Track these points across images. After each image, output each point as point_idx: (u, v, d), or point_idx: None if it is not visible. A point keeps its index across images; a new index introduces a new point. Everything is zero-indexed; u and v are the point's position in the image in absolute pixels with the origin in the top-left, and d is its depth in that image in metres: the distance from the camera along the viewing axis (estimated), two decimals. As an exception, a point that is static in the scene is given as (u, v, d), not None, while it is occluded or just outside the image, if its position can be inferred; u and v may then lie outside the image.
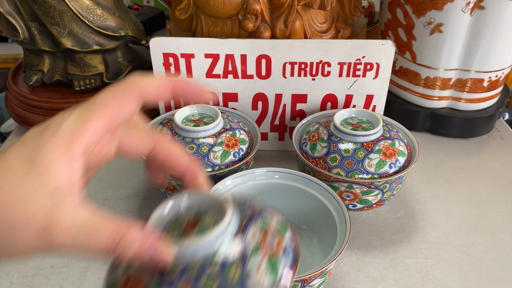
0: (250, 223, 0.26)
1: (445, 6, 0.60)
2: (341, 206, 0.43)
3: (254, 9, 0.57)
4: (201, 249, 0.24)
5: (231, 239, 0.25)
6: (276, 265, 0.25)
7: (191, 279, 0.23)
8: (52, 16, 0.63)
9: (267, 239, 0.26)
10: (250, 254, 0.25)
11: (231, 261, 0.24)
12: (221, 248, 0.25)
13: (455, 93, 0.69)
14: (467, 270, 0.49)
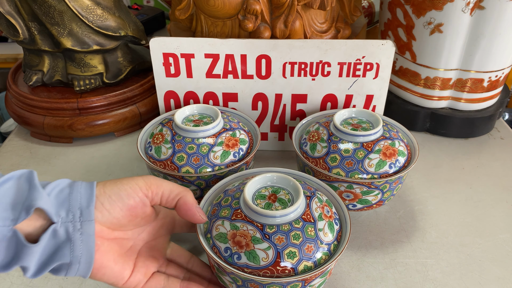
0: (312, 200, 0.41)
1: (445, 6, 0.60)
2: (341, 206, 0.44)
3: (254, 9, 0.57)
4: (287, 217, 0.38)
5: (303, 210, 0.39)
6: (333, 228, 0.40)
7: (283, 235, 0.37)
8: (52, 16, 0.63)
9: (324, 211, 0.41)
10: (317, 220, 0.39)
11: (307, 224, 0.38)
12: (299, 216, 0.38)
13: (455, 93, 0.69)
14: (467, 270, 0.49)
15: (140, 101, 0.72)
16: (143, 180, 0.36)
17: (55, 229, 0.31)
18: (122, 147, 0.69)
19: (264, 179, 0.41)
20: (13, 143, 0.71)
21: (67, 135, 0.68)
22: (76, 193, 0.33)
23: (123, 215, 0.35)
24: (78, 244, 0.32)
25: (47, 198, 0.31)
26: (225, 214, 0.39)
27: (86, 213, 0.32)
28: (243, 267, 0.37)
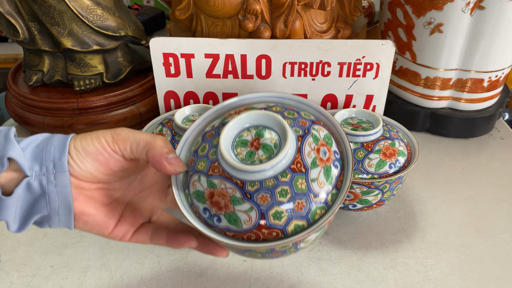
0: (304, 142, 0.32)
1: (445, 6, 0.60)
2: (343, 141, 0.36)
3: (254, 9, 0.57)
4: (272, 170, 0.31)
5: (293, 157, 0.31)
6: (330, 175, 0.32)
7: (267, 192, 0.31)
8: (52, 16, 0.63)
9: (320, 155, 0.32)
10: (310, 168, 0.31)
11: (296, 175, 0.31)
12: (286, 166, 0.31)
13: (455, 93, 0.69)
14: (467, 270, 0.49)
15: (140, 101, 0.71)
16: (111, 135, 0.34)
17: (28, 182, 0.32)
18: (122, 147, 0.69)
19: (245, 119, 0.33)
20: (13, 143, 0.70)
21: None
22: (50, 146, 0.33)
23: (96, 170, 0.34)
24: (54, 196, 0.32)
25: (20, 151, 0.31)
26: (201, 168, 0.33)
27: (58, 165, 0.32)
28: (225, 230, 0.32)
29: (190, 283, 0.47)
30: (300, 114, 0.35)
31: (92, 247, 0.51)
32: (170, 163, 0.33)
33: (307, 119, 0.35)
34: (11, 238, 0.53)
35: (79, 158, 0.33)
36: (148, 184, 0.38)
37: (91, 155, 0.33)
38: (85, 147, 0.33)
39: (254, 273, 0.48)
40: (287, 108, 0.36)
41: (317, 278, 0.48)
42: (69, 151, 0.33)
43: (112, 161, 0.34)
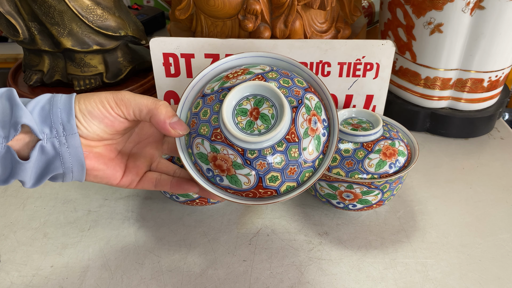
0: (298, 113, 0.36)
1: (445, 6, 0.60)
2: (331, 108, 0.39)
3: (254, 9, 0.57)
4: (270, 141, 0.35)
5: (287, 129, 0.35)
6: (319, 142, 0.37)
7: (265, 160, 0.35)
8: (52, 16, 0.63)
9: (311, 125, 0.37)
10: (302, 138, 0.36)
11: (291, 145, 0.36)
12: (282, 137, 0.35)
13: (455, 93, 0.69)
14: (467, 270, 0.49)
15: (140, 101, 0.71)
16: (114, 100, 0.36)
17: (42, 145, 0.33)
18: (122, 147, 0.69)
19: (245, 89, 0.36)
20: (13, 143, 0.70)
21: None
22: (56, 109, 0.34)
23: (102, 131, 0.36)
24: (67, 156, 0.35)
25: (30, 116, 0.33)
26: (204, 132, 0.37)
27: (68, 128, 0.34)
28: (226, 188, 0.37)
29: (190, 283, 0.47)
30: (294, 82, 0.38)
31: (92, 247, 0.51)
32: (173, 127, 0.37)
33: (300, 87, 0.38)
34: (11, 238, 0.53)
35: (86, 121, 0.35)
36: (144, 136, 0.42)
37: (97, 118, 0.35)
38: (91, 110, 0.35)
39: (254, 273, 0.48)
40: (282, 75, 0.39)
41: (317, 278, 0.48)
42: (76, 114, 0.35)
43: (116, 123, 0.36)
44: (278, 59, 0.41)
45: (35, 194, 0.60)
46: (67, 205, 0.58)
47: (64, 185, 0.61)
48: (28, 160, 0.33)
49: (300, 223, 0.55)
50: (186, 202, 0.54)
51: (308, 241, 0.52)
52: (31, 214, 0.56)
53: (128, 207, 0.57)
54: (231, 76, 0.39)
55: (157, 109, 0.36)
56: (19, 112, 0.32)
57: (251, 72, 0.38)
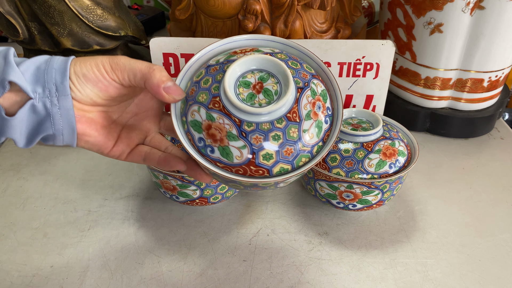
0: (302, 94, 0.35)
1: (445, 6, 0.60)
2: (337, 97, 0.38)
3: (254, 9, 0.57)
4: (269, 115, 0.33)
5: (290, 107, 0.34)
6: (321, 129, 0.35)
7: (262, 135, 0.33)
8: (52, 16, 0.63)
9: (315, 109, 0.35)
10: (304, 120, 0.34)
11: (291, 124, 0.34)
12: (283, 114, 0.34)
13: (455, 93, 0.69)
14: (467, 270, 0.49)
15: (140, 101, 0.71)
16: (110, 64, 0.35)
17: (33, 104, 0.33)
18: (122, 147, 0.69)
19: (251, 61, 0.35)
20: (13, 143, 0.71)
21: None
22: (51, 69, 0.34)
23: (95, 95, 0.35)
24: (58, 118, 0.34)
25: (20, 74, 0.33)
26: (202, 100, 0.35)
27: (61, 89, 0.34)
28: (216, 161, 0.35)
29: (190, 283, 0.47)
30: (303, 66, 0.37)
31: (92, 247, 0.51)
32: (167, 92, 0.35)
33: (308, 72, 0.37)
34: (11, 238, 0.53)
35: (80, 83, 0.35)
36: (144, 108, 0.40)
37: (91, 81, 0.35)
38: (85, 73, 0.34)
39: (254, 273, 0.48)
40: (291, 58, 0.37)
41: (317, 278, 0.48)
42: (70, 76, 0.34)
43: (111, 88, 0.36)
44: (288, 45, 0.40)
45: (35, 194, 0.60)
46: (67, 205, 0.58)
47: (64, 185, 0.61)
48: (14, 116, 0.33)
49: (300, 223, 0.55)
50: (186, 202, 0.54)
51: (308, 241, 0.52)
52: (31, 214, 0.56)
53: (128, 207, 0.57)
54: (239, 51, 0.37)
55: (151, 73, 0.35)
56: (8, 69, 0.32)
57: (260, 51, 0.37)
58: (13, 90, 0.33)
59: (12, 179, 0.63)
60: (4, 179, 0.63)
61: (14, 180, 0.62)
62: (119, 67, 0.35)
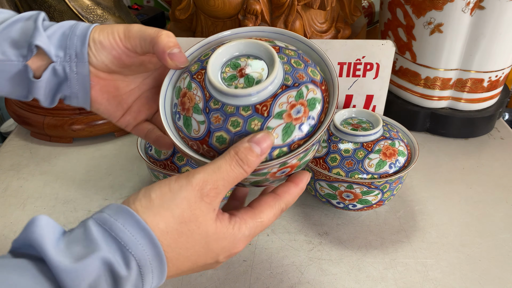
0: (284, 92, 0.32)
1: (445, 6, 0.60)
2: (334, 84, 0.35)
3: (254, 9, 0.57)
4: (239, 98, 0.32)
5: (263, 99, 0.32)
6: (290, 134, 0.32)
7: (223, 116, 0.32)
8: (52, 16, 0.63)
9: (292, 111, 0.32)
10: (272, 117, 0.32)
11: (255, 115, 0.32)
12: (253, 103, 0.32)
13: (455, 93, 0.69)
14: (467, 270, 0.49)
15: (140, 101, 0.71)
16: (123, 32, 0.36)
17: (54, 67, 0.36)
18: (122, 147, 0.69)
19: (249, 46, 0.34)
20: (13, 143, 0.71)
21: (67, 135, 0.68)
22: (73, 36, 0.36)
23: (110, 62, 0.37)
24: (74, 82, 0.37)
25: (46, 39, 0.35)
26: (192, 69, 0.35)
27: (80, 55, 0.36)
28: (179, 129, 0.35)
29: (190, 283, 0.47)
30: (307, 69, 0.35)
31: (92, 247, 0.51)
32: (171, 58, 0.35)
33: (308, 76, 0.34)
34: (11, 238, 0.53)
35: (96, 50, 0.36)
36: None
37: (106, 49, 0.36)
38: (102, 41, 0.36)
39: (254, 273, 0.48)
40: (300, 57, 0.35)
41: (317, 278, 0.48)
42: (89, 42, 0.36)
43: (124, 56, 0.37)
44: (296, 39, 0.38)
45: (35, 194, 0.60)
46: (67, 205, 0.58)
47: (64, 185, 0.61)
48: (40, 79, 0.35)
49: (300, 223, 0.55)
50: (186, 202, 0.54)
51: (308, 241, 0.52)
52: (31, 214, 0.56)
53: (128, 207, 0.57)
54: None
55: (159, 37, 0.35)
56: (36, 34, 0.34)
57: (273, 42, 0.36)
58: (40, 54, 0.35)
59: (12, 179, 0.63)
60: (4, 179, 0.63)
61: (14, 180, 0.62)
62: (131, 34, 0.36)
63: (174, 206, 0.28)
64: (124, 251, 0.26)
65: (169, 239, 0.28)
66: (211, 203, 0.29)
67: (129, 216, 0.27)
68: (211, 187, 0.29)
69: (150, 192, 0.28)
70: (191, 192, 0.29)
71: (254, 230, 0.32)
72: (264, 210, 0.32)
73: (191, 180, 0.29)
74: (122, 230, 0.26)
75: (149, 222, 0.27)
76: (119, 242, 0.26)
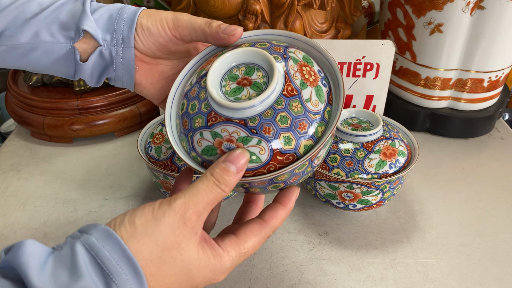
0: (287, 65, 0.33)
1: (445, 6, 0.60)
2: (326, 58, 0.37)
3: (254, 9, 0.57)
4: (266, 100, 0.32)
5: (283, 84, 0.33)
6: (321, 93, 0.34)
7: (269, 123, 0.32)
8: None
9: (304, 74, 0.34)
10: (301, 90, 0.33)
11: (290, 100, 0.32)
12: (279, 93, 0.32)
13: (455, 93, 0.69)
14: (467, 270, 0.49)
15: (140, 101, 0.71)
16: (173, 21, 0.37)
17: (101, 50, 0.37)
18: (122, 147, 0.69)
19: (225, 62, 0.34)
20: (13, 143, 0.71)
21: (67, 135, 0.68)
22: (121, 20, 0.37)
23: (156, 48, 0.38)
24: (120, 66, 0.38)
25: (93, 23, 0.36)
26: (199, 125, 0.34)
27: (126, 41, 0.37)
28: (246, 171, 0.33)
29: (190, 283, 0.47)
30: (272, 43, 0.36)
31: (92, 247, 0.51)
32: (225, 32, 0.36)
33: (281, 45, 0.36)
34: (11, 238, 0.53)
35: (143, 36, 0.37)
36: None
37: (153, 36, 0.37)
38: (149, 27, 0.37)
39: (254, 273, 0.48)
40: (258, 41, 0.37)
41: (317, 278, 0.48)
42: (136, 28, 0.37)
43: (171, 44, 0.38)
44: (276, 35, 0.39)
45: (35, 194, 0.60)
46: (67, 205, 0.58)
47: (64, 185, 0.61)
48: (86, 62, 0.36)
49: (300, 223, 0.55)
50: (186, 202, 0.54)
51: (308, 241, 0.52)
52: (31, 214, 0.56)
53: (128, 207, 0.57)
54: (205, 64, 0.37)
55: (208, 26, 0.36)
56: (83, 17, 0.35)
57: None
58: (87, 37, 0.36)
59: (12, 179, 0.63)
60: (4, 179, 0.63)
61: (14, 180, 0.62)
62: (180, 23, 0.36)
63: (157, 233, 0.28)
64: (108, 280, 0.26)
65: (152, 267, 0.28)
66: (193, 227, 0.29)
67: (115, 243, 0.27)
68: (192, 211, 0.29)
69: (135, 218, 0.28)
70: (174, 217, 0.29)
71: (237, 261, 0.32)
72: (249, 239, 0.32)
73: (173, 205, 0.29)
74: (108, 259, 0.26)
75: (133, 250, 0.27)
76: (104, 270, 0.26)
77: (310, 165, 0.35)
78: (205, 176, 0.30)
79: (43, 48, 0.36)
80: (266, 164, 0.33)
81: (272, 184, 0.34)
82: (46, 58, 0.37)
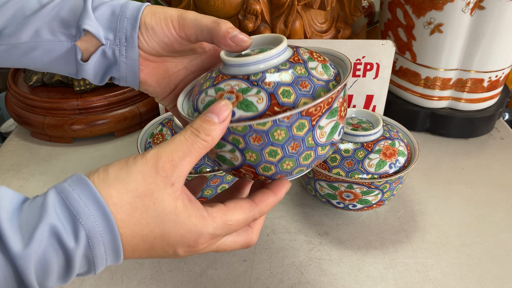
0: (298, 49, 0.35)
1: (445, 6, 0.60)
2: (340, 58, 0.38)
3: (254, 9, 0.57)
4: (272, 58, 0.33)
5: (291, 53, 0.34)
6: (328, 68, 0.35)
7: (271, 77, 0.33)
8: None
9: (313, 54, 0.35)
10: (307, 61, 0.34)
11: (296, 65, 0.33)
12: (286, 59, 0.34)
13: (455, 93, 0.69)
14: (467, 270, 0.49)
15: (140, 101, 0.71)
16: (178, 21, 0.36)
17: (104, 50, 0.36)
18: (122, 147, 0.69)
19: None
20: (13, 143, 0.71)
21: (67, 135, 0.68)
22: (124, 18, 0.36)
23: (161, 48, 0.37)
24: (123, 66, 0.37)
25: (95, 22, 0.35)
26: (206, 86, 0.35)
27: (130, 40, 0.36)
28: (242, 120, 0.32)
29: (190, 283, 0.47)
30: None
31: (92, 247, 0.51)
32: (234, 40, 0.35)
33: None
34: (11, 238, 0.53)
35: (147, 35, 0.36)
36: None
37: (158, 36, 0.36)
38: (154, 27, 0.36)
39: (254, 273, 0.48)
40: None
41: (317, 278, 0.48)
42: (140, 26, 0.36)
43: (176, 43, 0.37)
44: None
45: (35, 194, 0.59)
46: (67, 205, 0.58)
47: (64, 185, 0.61)
48: (87, 62, 0.36)
49: (300, 223, 0.55)
50: (186, 202, 0.54)
51: (308, 241, 0.52)
52: (31, 214, 0.56)
53: (128, 207, 0.57)
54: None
55: (217, 27, 0.35)
56: (84, 16, 0.34)
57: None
58: (88, 35, 0.35)
59: (12, 179, 0.63)
60: (4, 179, 0.63)
61: (14, 180, 0.62)
62: (186, 23, 0.35)
63: (128, 179, 0.28)
64: (75, 221, 0.26)
65: (122, 213, 0.27)
66: (167, 176, 0.28)
67: (86, 187, 0.27)
68: (165, 160, 0.28)
69: (109, 167, 0.28)
70: (146, 165, 0.28)
71: (220, 231, 0.30)
72: (237, 213, 0.31)
73: (146, 155, 0.28)
74: (77, 200, 0.26)
75: (103, 194, 0.27)
76: (72, 211, 0.26)
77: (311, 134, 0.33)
78: (185, 128, 0.30)
79: (44, 47, 0.35)
80: (263, 113, 0.32)
81: (269, 144, 0.32)
82: (47, 56, 0.36)
